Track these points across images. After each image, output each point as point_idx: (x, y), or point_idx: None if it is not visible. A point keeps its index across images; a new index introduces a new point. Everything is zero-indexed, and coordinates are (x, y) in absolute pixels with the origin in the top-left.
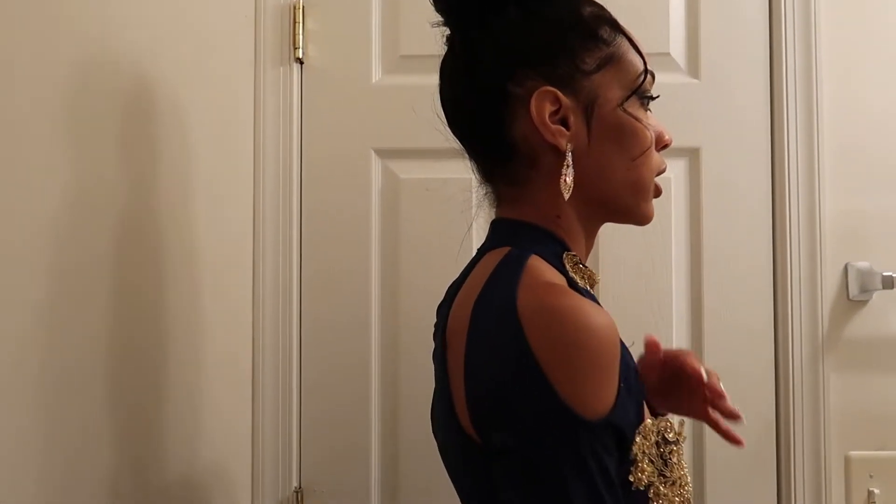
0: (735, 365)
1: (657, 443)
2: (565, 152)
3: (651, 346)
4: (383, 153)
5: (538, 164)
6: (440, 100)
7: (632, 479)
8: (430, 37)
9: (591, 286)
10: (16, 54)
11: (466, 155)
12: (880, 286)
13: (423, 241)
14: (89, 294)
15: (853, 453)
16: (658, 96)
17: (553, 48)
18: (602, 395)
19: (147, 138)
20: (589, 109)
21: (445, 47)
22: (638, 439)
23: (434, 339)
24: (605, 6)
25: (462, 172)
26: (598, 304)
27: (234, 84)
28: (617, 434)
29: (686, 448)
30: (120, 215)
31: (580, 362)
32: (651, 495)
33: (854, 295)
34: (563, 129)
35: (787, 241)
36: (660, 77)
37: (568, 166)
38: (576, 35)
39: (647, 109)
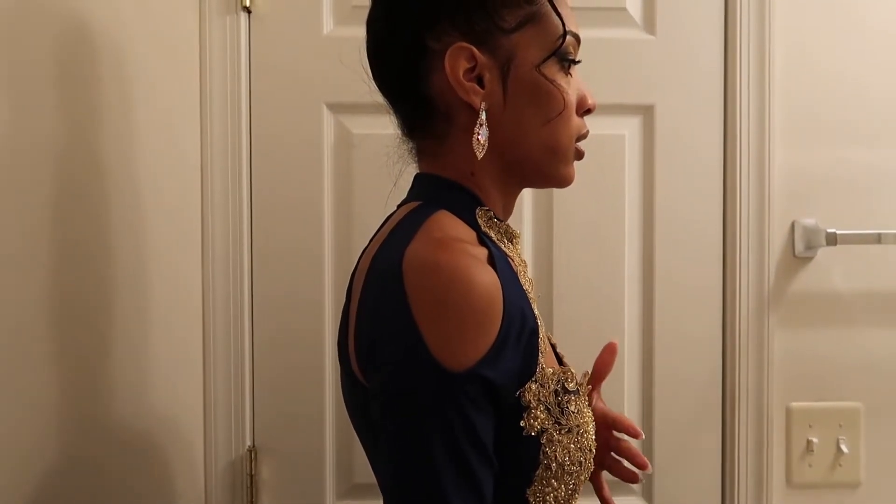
0: (684, 320)
1: (556, 391)
2: (479, 111)
3: (608, 350)
4: (335, 107)
5: (454, 121)
6: (366, 52)
7: (523, 425)
8: None
9: (511, 240)
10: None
11: (390, 109)
12: (824, 243)
13: (376, 196)
14: (30, 245)
15: (794, 404)
16: (580, 61)
17: (472, 4)
18: (468, 348)
19: (85, 85)
20: (505, 68)
21: None
22: (533, 387)
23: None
24: None
25: None
26: (510, 258)
27: (177, 33)
28: (488, 387)
29: (634, 398)
30: (59, 162)
31: (447, 314)
32: (544, 441)
33: (800, 251)
34: (476, 87)
35: (738, 198)
36: (615, 33)
37: (481, 125)
38: None
39: (568, 73)
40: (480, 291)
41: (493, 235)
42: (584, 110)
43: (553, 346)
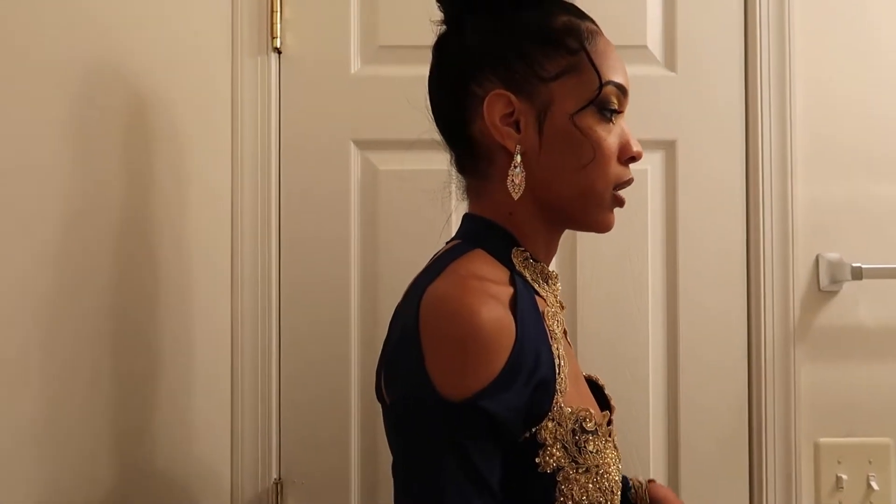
0: (709, 354)
1: (573, 430)
2: (514, 153)
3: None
4: (362, 144)
5: (495, 162)
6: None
7: (538, 461)
8: (408, 28)
9: (547, 281)
10: (20, 66)
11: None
12: (850, 277)
13: (403, 232)
14: (87, 291)
15: (822, 440)
16: (622, 112)
17: (512, 53)
18: (466, 379)
19: (142, 136)
20: (542, 115)
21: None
22: (550, 425)
23: None
24: (588, 17)
25: (441, 164)
26: (542, 298)
27: (212, 75)
28: (488, 420)
29: (659, 433)
30: (118, 215)
31: (448, 345)
32: (560, 479)
33: (825, 285)
34: (513, 131)
35: (761, 232)
36: (636, 69)
37: (515, 167)
38: (537, 42)
39: (609, 121)
40: (483, 325)
41: (527, 275)
42: (628, 158)
43: (595, 384)
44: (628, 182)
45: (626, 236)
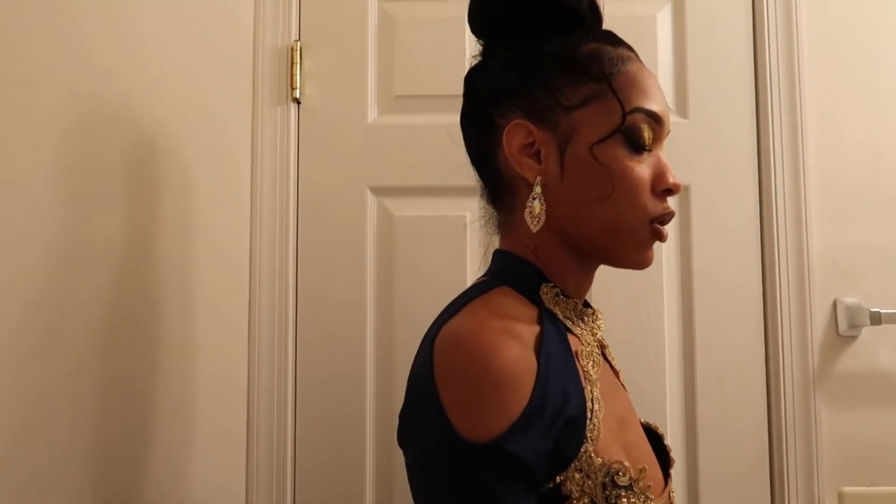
0: (728, 401)
1: (604, 483)
2: (533, 184)
3: None
4: (378, 191)
5: (517, 195)
6: None
7: None
8: (424, 78)
9: (581, 318)
10: (13, 112)
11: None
12: (868, 322)
13: (418, 276)
14: (77, 348)
15: (846, 489)
16: (649, 146)
17: (534, 82)
18: (488, 420)
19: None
20: (564, 145)
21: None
22: (577, 476)
23: None
24: (624, 43)
25: (455, 209)
26: (577, 337)
27: (232, 124)
28: (516, 462)
29: (678, 486)
30: (117, 261)
31: (466, 386)
32: None
33: (843, 330)
34: (532, 162)
35: (777, 277)
36: None
37: (533, 199)
38: (561, 70)
39: (641, 152)
40: (501, 365)
41: (558, 313)
42: (663, 189)
43: (654, 434)
44: (667, 216)
45: (642, 281)
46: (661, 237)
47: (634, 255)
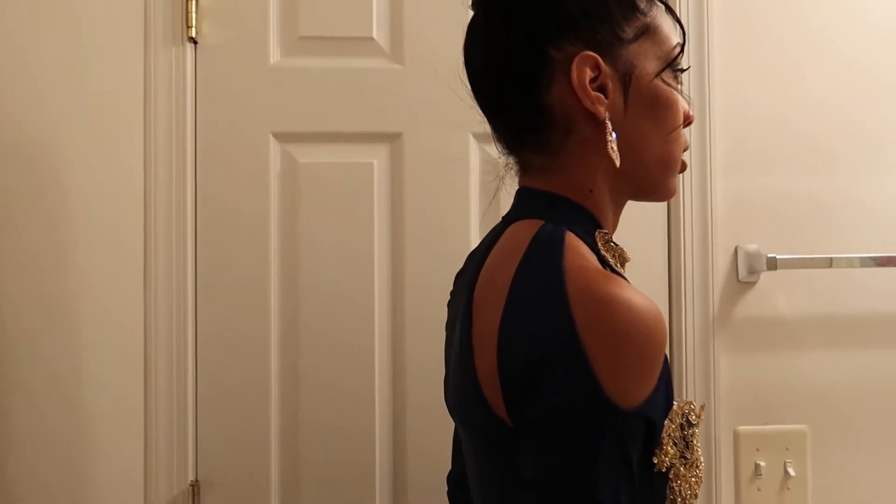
0: None
1: (681, 425)
2: (604, 120)
3: None
4: (282, 137)
5: (573, 133)
6: (465, 63)
7: (655, 461)
8: (330, 18)
9: (622, 264)
10: None
11: (489, 124)
12: (765, 267)
13: (323, 225)
14: None
15: (741, 428)
16: (689, 67)
17: (595, 13)
18: (640, 387)
19: (28, 115)
20: (626, 79)
21: (472, 9)
22: (665, 422)
23: (448, 308)
24: None
25: (363, 156)
26: (628, 282)
27: (121, 66)
28: (648, 425)
29: None
30: None
31: (625, 354)
32: (671, 476)
33: (743, 276)
34: (601, 96)
35: (681, 225)
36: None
37: (611, 134)
38: (616, 2)
39: (680, 83)
40: (653, 327)
41: (609, 259)
42: (688, 121)
43: None
44: (687, 147)
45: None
46: (685, 167)
47: (674, 185)
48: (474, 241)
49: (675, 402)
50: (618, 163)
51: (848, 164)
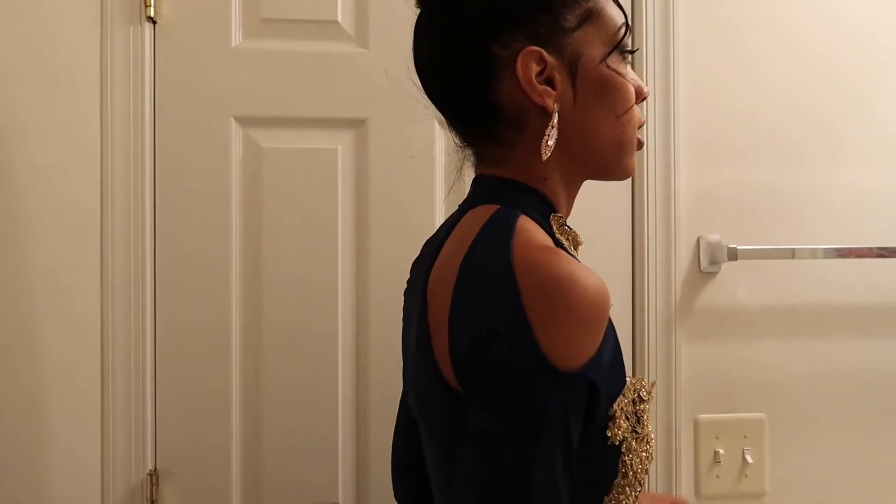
0: None
1: (633, 400)
2: (552, 113)
3: None
4: (244, 121)
5: (524, 127)
6: (415, 65)
7: (609, 434)
8: (294, 1)
9: (576, 247)
10: None
11: (446, 122)
12: (726, 258)
13: (286, 211)
14: None
15: (701, 416)
16: (637, 49)
17: (535, 6)
18: (580, 350)
19: None
20: (573, 67)
21: (418, 9)
22: (619, 398)
23: (405, 296)
24: None
25: (326, 142)
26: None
27: (76, 46)
28: (591, 388)
29: None
30: None
31: (565, 318)
32: (623, 450)
33: (705, 267)
34: (549, 89)
35: (645, 216)
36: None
37: (553, 127)
38: None
39: (627, 63)
40: (594, 295)
41: (563, 242)
42: (641, 98)
43: None
44: (643, 124)
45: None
46: (642, 145)
47: (631, 164)
48: None
49: (627, 378)
50: (545, 156)
51: (810, 157)
